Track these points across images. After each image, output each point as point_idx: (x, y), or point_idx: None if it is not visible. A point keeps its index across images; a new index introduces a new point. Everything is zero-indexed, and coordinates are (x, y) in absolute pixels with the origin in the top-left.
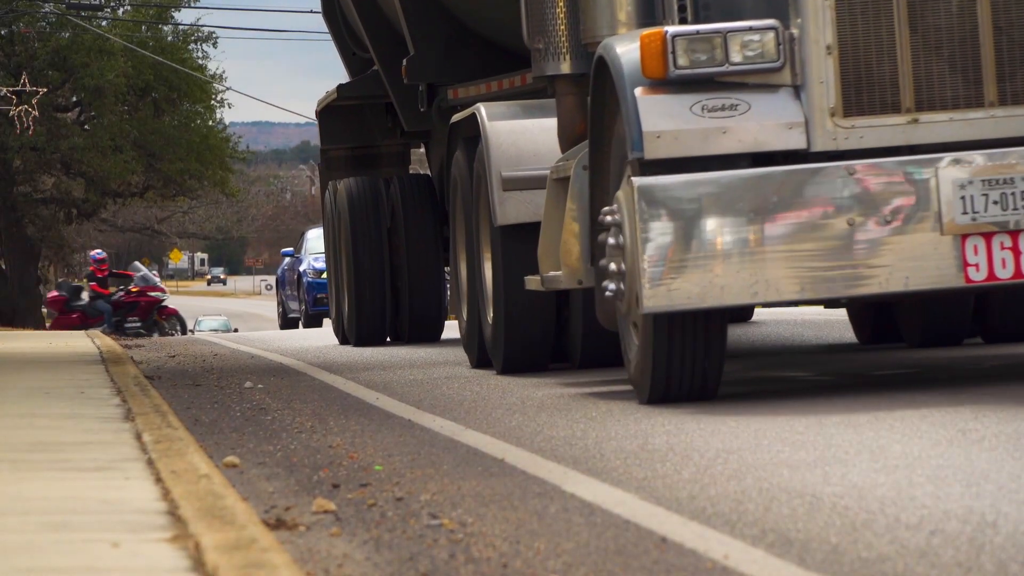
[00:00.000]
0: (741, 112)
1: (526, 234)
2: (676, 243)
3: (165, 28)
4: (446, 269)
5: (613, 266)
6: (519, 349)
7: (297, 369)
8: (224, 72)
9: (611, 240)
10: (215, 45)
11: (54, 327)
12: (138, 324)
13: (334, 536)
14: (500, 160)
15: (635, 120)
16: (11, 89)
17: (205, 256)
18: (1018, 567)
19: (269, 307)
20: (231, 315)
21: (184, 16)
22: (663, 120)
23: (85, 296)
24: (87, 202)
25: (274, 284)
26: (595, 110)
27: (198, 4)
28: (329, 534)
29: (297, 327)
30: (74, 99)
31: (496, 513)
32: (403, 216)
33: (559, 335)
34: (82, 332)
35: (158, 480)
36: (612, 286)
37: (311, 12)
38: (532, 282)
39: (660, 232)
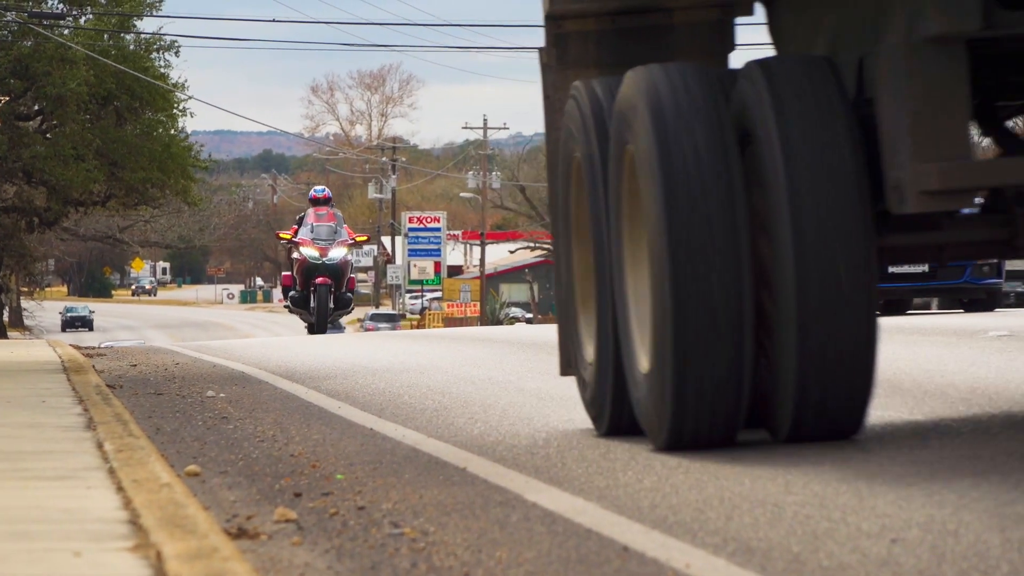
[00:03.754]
0: None
1: None
2: None
3: (127, 37)
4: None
5: None
6: (695, 412)
7: (259, 378)
8: (186, 81)
9: None
10: (177, 54)
11: None
12: None
13: (296, 545)
14: None
15: None
16: None
17: (167, 265)
18: None
19: (232, 316)
20: (194, 325)
21: (146, 25)
22: None
23: None
24: (49, 211)
25: None
26: None
27: (160, 13)
28: (291, 543)
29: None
30: (36, 108)
31: (458, 522)
32: (781, 153)
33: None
34: (44, 341)
35: (120, 489)
36: None
37: (273, 21)
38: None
39: None
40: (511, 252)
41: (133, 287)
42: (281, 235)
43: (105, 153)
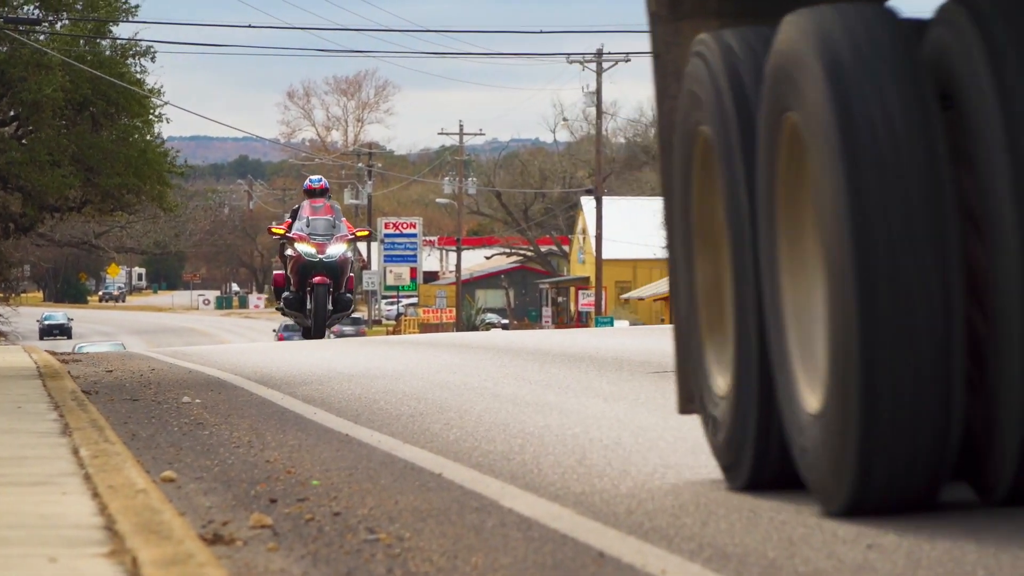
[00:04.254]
0: None
1: None
2: None
3: (103, 43)
4: None
5: None
6: (888, 464)
7: (235, 384)
8: (162, 86)
9: None
10: (153, 59)
11: None
12: None
13: (271, 551)
14: None
15: None
16: None
17: (143, 271)
18: None
19: (208, 322)
20: (170, 331)
21: (122, 31)
22: None
23: None
24: (24, 217)
25: None
26: None
27: (136, 19)
28: (266, 549)
29: None
30: (12, 113)
31: (433, 528)
32: (1002, 121)
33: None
34: (19, 347)
35: (95, 495)
36: None
37: (249, 27)
38: None
39: None
40: (487, 258)
41: (100, 294)
42: (273, 230)
43: (81, 159)
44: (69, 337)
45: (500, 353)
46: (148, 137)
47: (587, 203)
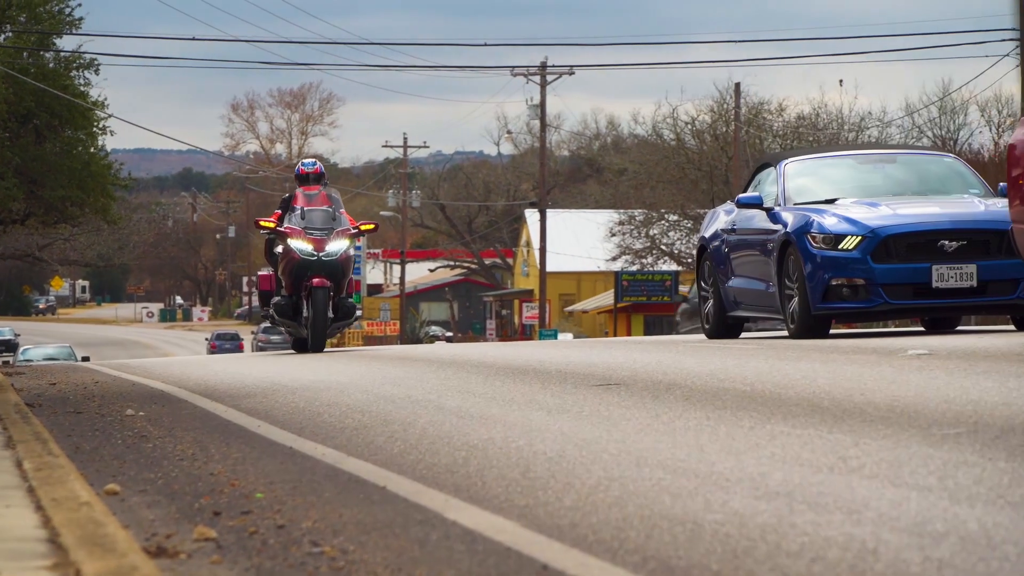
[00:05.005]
0: None
1: None
2: None
3: (47, 55)
4: None
5: None
6: None
7: (179, 397)
8: (106, 99)
9: None
10: (97, 72)
11: None
12: None
13: (215, 564)
14: None
15: None
16: None
17: (87, 283)
18: None
19: (151, 335)
20: (114, 344)
21: (66, 43)
22: None
23: None
24: None
25: (696, 258)
26: None
27: (80, 31)
28: (210, 562)
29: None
30: None
31: (378, 541)
32: None
33: None
34: None
35: (39, 508)
36: None
37: (192, 39)
38: None
39: None
40: (431, 271)
41: (32, 308)
42: (262, 223)
43: (24, 171)
44: (15, 353)
45: (444, 366)
46: (92, 150)
47: (531, 216)
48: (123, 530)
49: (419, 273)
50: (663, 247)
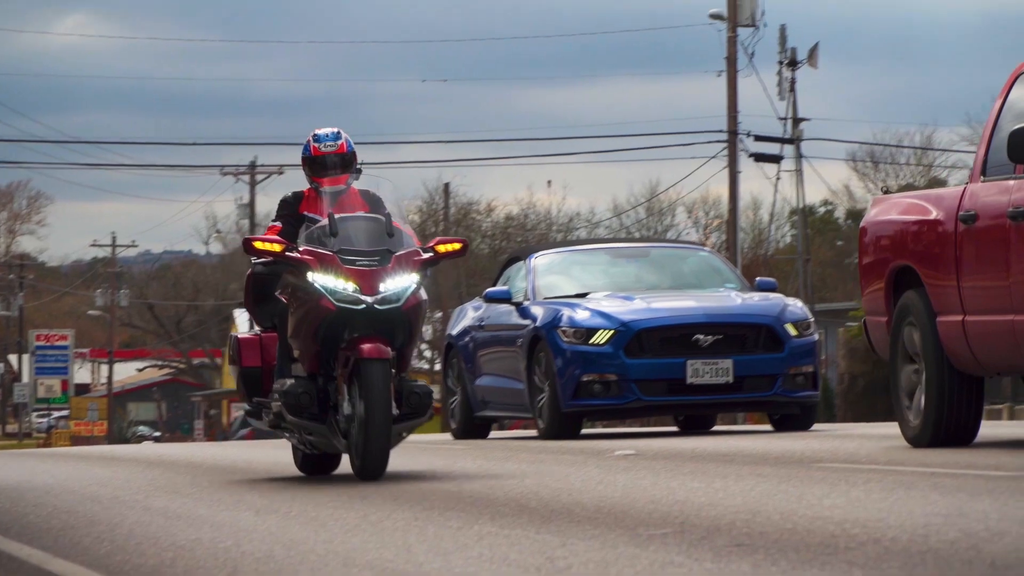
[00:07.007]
0: None
1: None
2: None
3: None
4: None
5: None
6: None
7: None
8: None
9: None
10: None
11: None
12: None
13: None
14: None
15: None
16: None
17: None
18: None
19: None
20: None
21: None
22: None
23: None
24: None
25: (443, 356)
26: None
27: None
28: None
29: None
30: None
31: None
32: None
33: None
34: None
35: None
36: None
37: None
38: None
39: None
40: (139, 370)
41: None
42: (259, 245)
43: None
44: None
45: (151, 466)
46: None
47: (240, 315)
48: None
49: (127, 373)
50: None
